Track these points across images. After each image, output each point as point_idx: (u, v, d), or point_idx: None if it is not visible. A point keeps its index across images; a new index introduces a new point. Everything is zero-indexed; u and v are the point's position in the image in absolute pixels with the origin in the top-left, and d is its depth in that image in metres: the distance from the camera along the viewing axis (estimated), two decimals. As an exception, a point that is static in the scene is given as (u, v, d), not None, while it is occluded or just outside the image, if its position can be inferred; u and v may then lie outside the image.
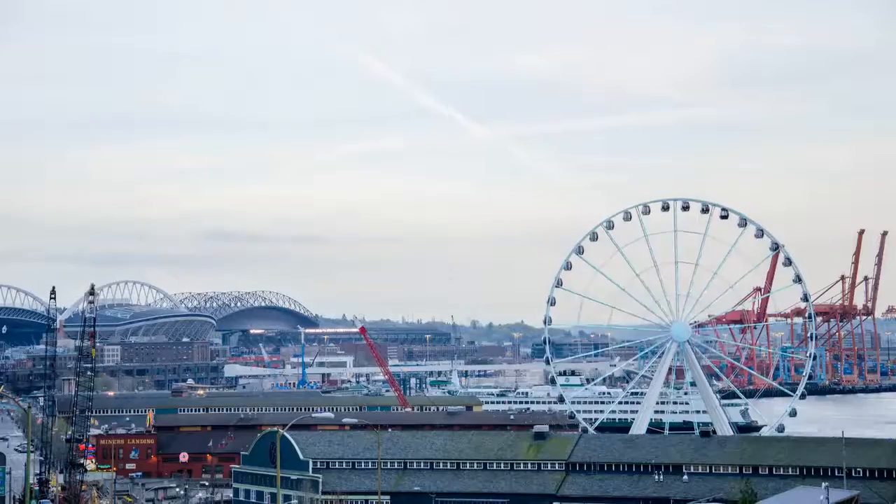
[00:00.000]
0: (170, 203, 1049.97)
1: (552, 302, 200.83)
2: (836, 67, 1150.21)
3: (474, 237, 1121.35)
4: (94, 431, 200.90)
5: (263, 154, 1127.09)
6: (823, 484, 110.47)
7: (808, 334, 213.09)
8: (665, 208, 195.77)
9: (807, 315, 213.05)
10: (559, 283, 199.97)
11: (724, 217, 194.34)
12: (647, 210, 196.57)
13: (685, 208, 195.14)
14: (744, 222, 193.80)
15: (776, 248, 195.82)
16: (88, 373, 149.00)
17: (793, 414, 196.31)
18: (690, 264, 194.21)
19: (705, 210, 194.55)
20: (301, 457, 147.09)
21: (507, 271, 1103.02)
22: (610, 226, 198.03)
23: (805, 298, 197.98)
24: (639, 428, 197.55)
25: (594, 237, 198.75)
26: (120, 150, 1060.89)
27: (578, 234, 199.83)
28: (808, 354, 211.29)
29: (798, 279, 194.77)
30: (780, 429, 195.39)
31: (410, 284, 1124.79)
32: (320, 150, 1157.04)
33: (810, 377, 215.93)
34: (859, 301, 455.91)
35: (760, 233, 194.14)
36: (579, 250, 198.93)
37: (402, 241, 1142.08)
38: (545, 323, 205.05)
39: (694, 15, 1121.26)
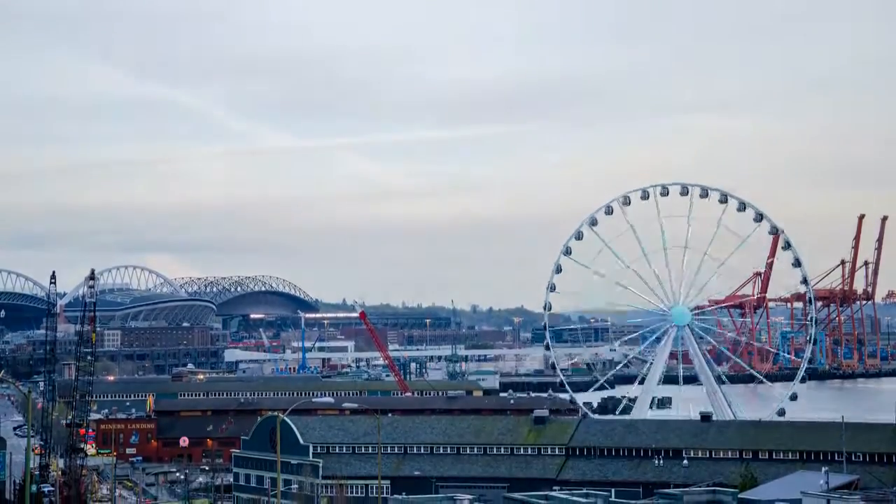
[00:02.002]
0: (170, 190, 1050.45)
1: (552, 287, 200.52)
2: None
3: (474, 225, 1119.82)
4: (94, 416, 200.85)
5: (262, 145, 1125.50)
6: (823, 468, 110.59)
7: (809, 318, 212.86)
8: (664, 193, 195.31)
9: (807, 299, 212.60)
10: (559, 269, 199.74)
11: (723, 202, 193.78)
12: (645, 195, 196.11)
13: (684, 193, 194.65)
14: (742, 206, 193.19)
15: (775, 231, 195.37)
16: (88, 357, 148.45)
17: (793, 398, 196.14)
18: (689, 248, 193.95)
19: (704, 195, 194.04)
20: (301, 441, 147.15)
21: (508, 257, 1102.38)
22: (609, 211, 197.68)
23: (804, 282, 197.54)
24: (639, 413, 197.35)
25: (593, 222, 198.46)
26: (118, 138, 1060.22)
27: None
28: (807, 338, 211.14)
29: (797, 263, 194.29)
30: (781, 413, 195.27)
31: (410, 269, 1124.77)
32: (319, 141, 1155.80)
33: (810, 361, 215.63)
34: (859, 286, 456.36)
35: (759, 217, 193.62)
36: (578, 236, 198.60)
37: (400, 230, 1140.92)
38: (545, 309, 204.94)
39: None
